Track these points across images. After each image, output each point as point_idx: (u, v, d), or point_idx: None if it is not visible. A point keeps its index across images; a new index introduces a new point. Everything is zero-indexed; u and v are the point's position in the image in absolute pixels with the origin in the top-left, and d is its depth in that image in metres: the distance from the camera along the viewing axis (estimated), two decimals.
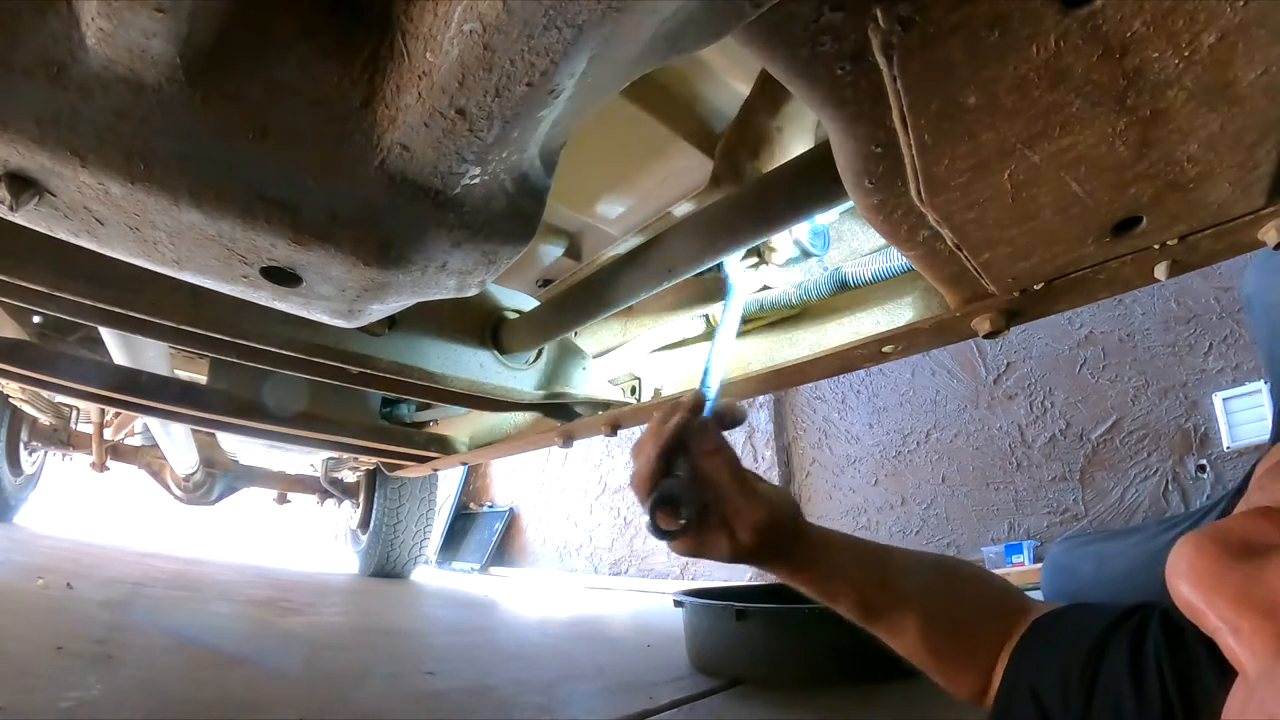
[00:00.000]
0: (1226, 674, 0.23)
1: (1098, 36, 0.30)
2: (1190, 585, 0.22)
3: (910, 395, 2.69)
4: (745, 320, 1.00)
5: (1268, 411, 1.85)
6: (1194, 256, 0.51)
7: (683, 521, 0.52)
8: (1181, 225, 0.46)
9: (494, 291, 1.01)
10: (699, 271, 0.74)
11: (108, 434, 2.45)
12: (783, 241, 0.86)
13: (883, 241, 0.75)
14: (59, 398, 2.12)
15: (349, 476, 2.80)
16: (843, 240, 0.94)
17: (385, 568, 2.71)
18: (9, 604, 1.27)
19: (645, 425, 0.57)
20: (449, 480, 4.59)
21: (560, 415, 1.20)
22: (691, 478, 0.53)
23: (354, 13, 0.34)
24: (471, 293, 0.53)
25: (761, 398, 3.03)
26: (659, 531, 0.53)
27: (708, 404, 0.56)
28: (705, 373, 0.61)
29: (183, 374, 1.63)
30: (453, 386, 0.97)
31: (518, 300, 1.02)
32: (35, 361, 1.12)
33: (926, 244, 0.49)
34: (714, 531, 0.54)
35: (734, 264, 0.81)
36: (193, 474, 2.56)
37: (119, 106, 0.33)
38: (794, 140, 0.71)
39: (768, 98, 0.69)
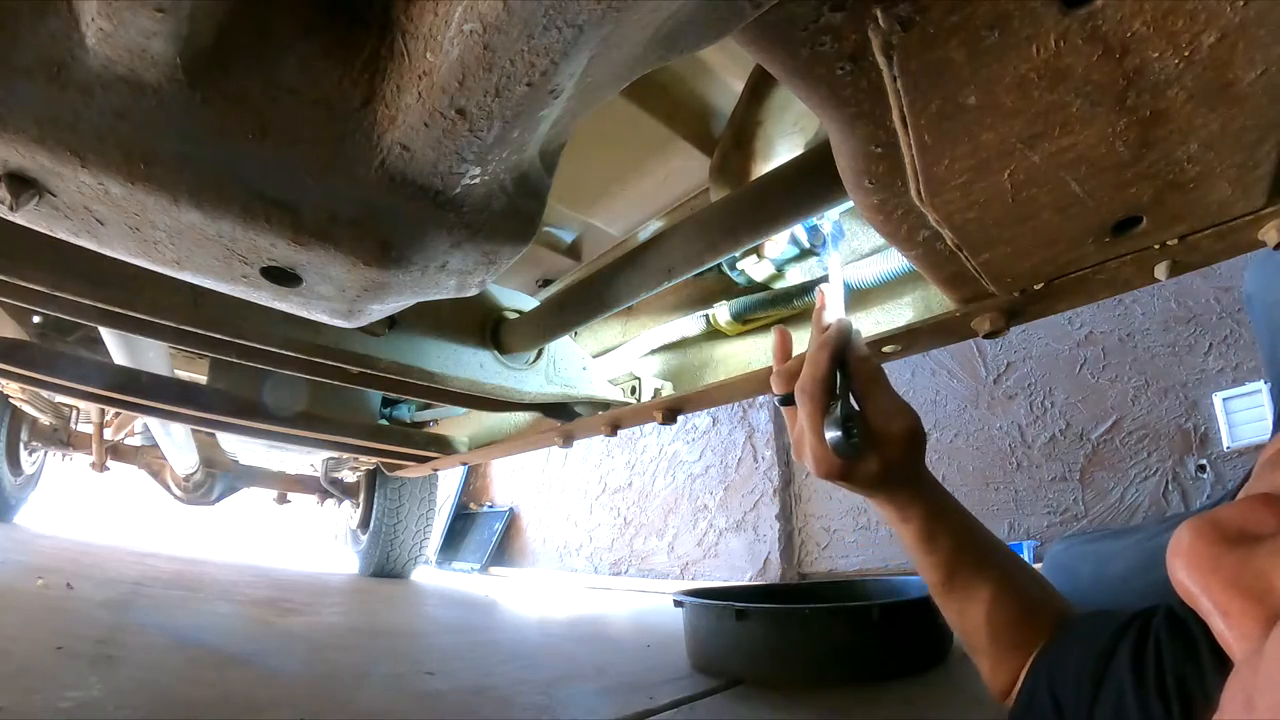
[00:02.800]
0: (1225, 662, 0.23)
1: (1098, 36, 0.30)
2: (1186, 569, 0.23)
3: (910, 395, 2.69)
4: (745, 320, 1.00)
5: (1268, 411, 1.85)
6: (1194, 256, 0.51)
7: (855, 438, 0.53)
8: (1181, 225, 0.46)
9: (494, 291, 1.01)
10: (699, 271, 0.74)
11: (108, 434, 2.45)
12: (781, 239, 0.86)
13: (883, 241, 0.75)
14: (59, 398, 2.12)
15: (349, 476, 2.80)
16: (842, 240, 0.94)
17: (385, 568, 2.71)
18: (9, 604, 1.27)
19: (645, 424, 0.57)
20: (449, 480, 4.59)
21: (560, 415, 1.20)
22: (847, 392, 0.54)
23: (354, 13, 0.34)
24: (471, 293, 0.53)
25: (761, 398, 3.03)
26: (843, 446, 0.52)
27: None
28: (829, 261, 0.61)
29: (183, 374, 1.63)
30: (453, 386, 0.97)
31: (518, 300, 1.02)
32: (35, 361, 1.12)
33: (926, 244, 0.49)
34: (864, 450, 0.54)
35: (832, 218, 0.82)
36: (193, 474, 2.56)
37: (119, 106, 0.33)
38: (778, 136, 0.71)
39: (752, 94, 0.69)
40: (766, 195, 0.61)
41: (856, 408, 0.55)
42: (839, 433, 0.52)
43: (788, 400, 0.58)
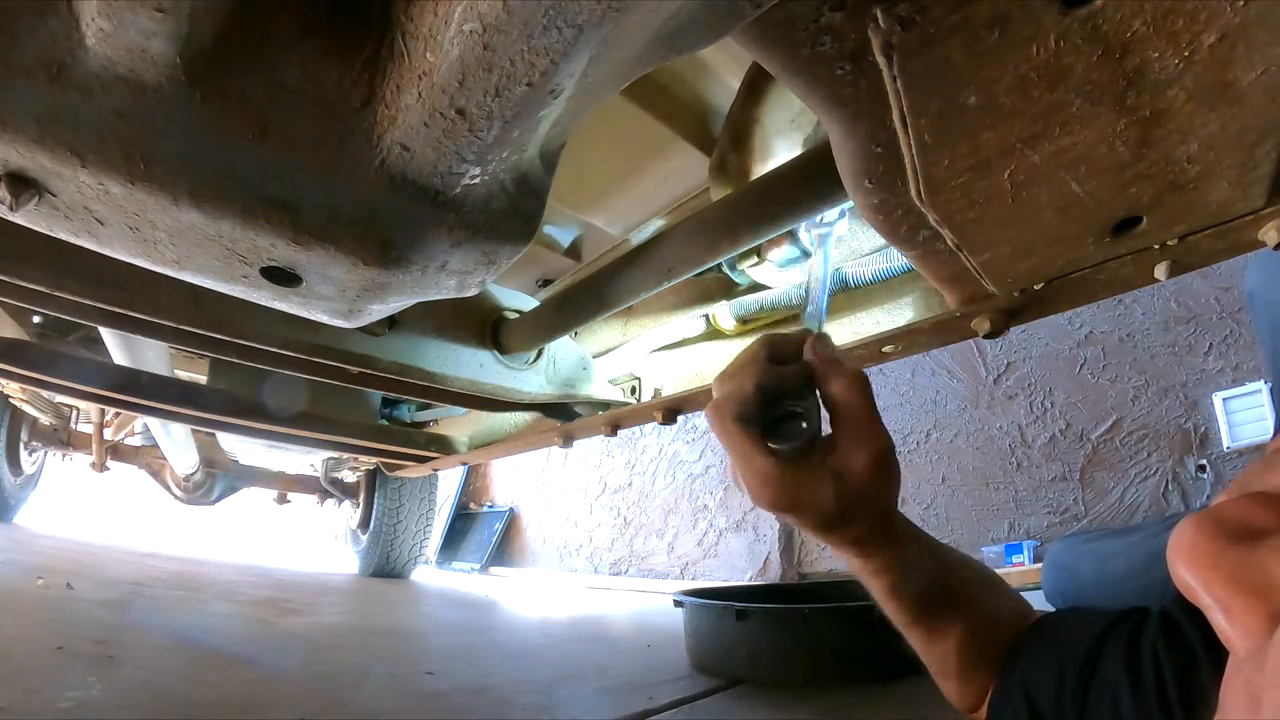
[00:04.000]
0: (1220, 661, 0.23)
1: (1098, 36, 0.30)
2: (1187, 564, 0.23)
3: (910, 395, 2.69)
4: (745, 320, 1.00)
5: (1268, 411, 1.85)
6: (1194, 256, 0.51)
7: (804, 433, 0.43)
8: (1181, 225, 0.46)
9: (494, 291, 1.01)
10: (699, 272, 0.74)
11: (108, 434, 2.45)
12: (782, 240, 0.86)
13: (882, 241, 0.75)
14: (59, 398, 2.12)
15: (349, 476, 2.80)
16: (843, 240, 0.94)
17: (385, 568, 2.71)
18: (9, 604, 1.27)
19: (645, 424, 0.54)
20: (449, 480, 4.59)
21: (560, 415, 1.20)
22: (812, 401, 0.45)
23: (354, 13, 0.34)
24: (471, 293, 0.53)
25: None
26: (782, 446, 0.43)
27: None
28: (814, 302, 0.54)
29: (183, 374, 1.63)
30: (453, 386, 0.97)
31: (518, 300, 1.02)
32: (35, 361, 1.12)
33: (926, 244, 0.49)
34: (817, 472, 0.45)
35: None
36: (193, 474, 2.56)
37: (119, 106, 0.33)
38: (776, 135, 0.71)
39: (750, 93, 0.69)
40: (766, 195, 0.61)
41: (800, 410, 0.45)
42: (771, 438, 0.43)
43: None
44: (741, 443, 0.44)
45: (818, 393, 0.46)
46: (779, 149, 0.73)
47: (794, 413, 0.45)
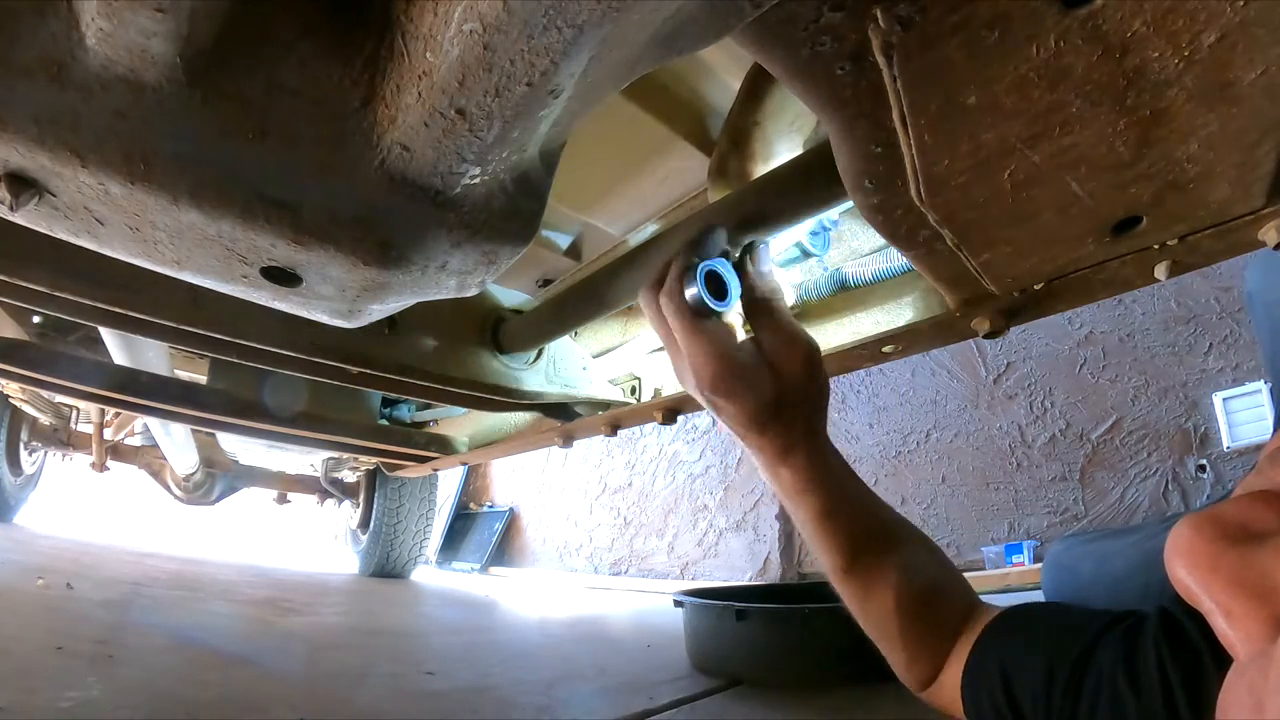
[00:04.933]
0: (1224, 664, 0.23)
1: (1098, 36, 0.30)
2: (1186, 567, 0.22)
3: (910, 395, 2.69)
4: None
5: (1268, 411, 1.85)
6: (1194, 256, 0.51)
7: (733, 299, 0.45)
8: (1181, 225, 0.46)
9: (494, 291, 1.01)
10: None
11: (108, 434, 2.45)
12: (782, 241, 0.86)
13: (883, 241, 0.75)
14: (59, 398, 2.12)
15: (349, 476, 2.80)
16: (843, 240, 0.94)
17: (385, 568, 2.71)
18: (9, 604, 1.27)
19: (645, 424, 0.55)
20: (449, 480, 4.59)
21: (560, 415, 1.20)
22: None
23: (354, 13, 0.34)
24: (471, 293, 0.53)
25: None
26: (703, 306, 0.44)
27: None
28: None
29: (183, 374, 1.63)
30: (453, 386, 0.97)
31: (518, 300, 1.03)
32: (35, 361, 1.12)
33: (926, 244, 0.49)
34: (755, 360, 0.47)
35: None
36: (193, 474, 2.56)
37: (119, 106, 0.33)
38: (776, 136, 0.71)
39: (750, 94, 0.69)
40: (766, 195, 0.61)
41: (724, 269, 0.47)
42: (697, 289, 0.44)
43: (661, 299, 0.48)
44: (687, 318, 0.45)
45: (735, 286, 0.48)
46: (779, 150, 0.73)
47: (723, 269, 0.46)
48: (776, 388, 0.47)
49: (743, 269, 0.50)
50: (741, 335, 0.50)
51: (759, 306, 0.49)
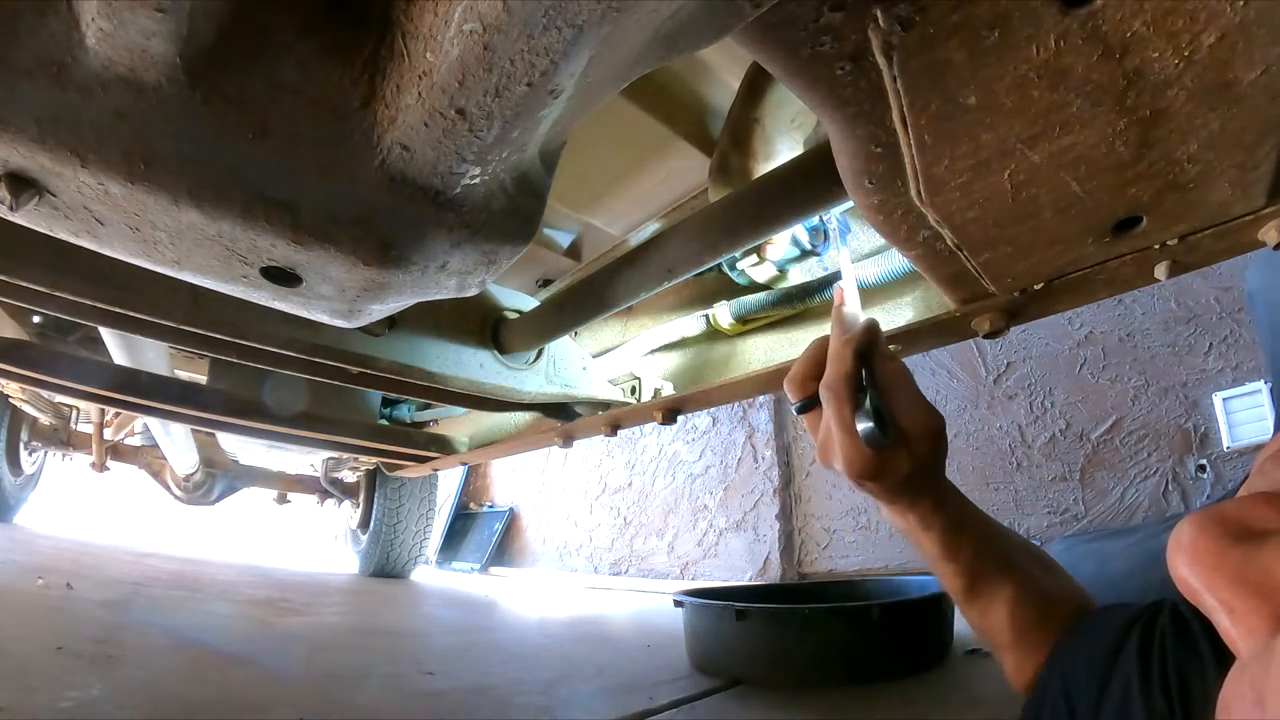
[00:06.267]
0: (1225, 659, 0.23)
1: (1098, 36, 0.30)
2: (1188, 565, 0.22)
3: None
4: (745, 321, 1.00)
5: (1268, 411, 1.85)
6: (1194, 256, 0.51)
7: (889, 429, 0.51)
8: (1181, 225, 0.46)
9: (494, 291, 1.01)
10: (699, 272, 0.74)
11: (108, 434, 2.45)
12: (781, 240, 0.86)
13: (883, 241, 0.75)
14: (59, 398, 2.12)
15: (349, 476, 2.80)
16: (850, 235, 0.94)
17: (385, 568, 2.71)
18: (9, 604, 1.27)
19: (645, 424, 0.57)
20: (449, 480, 4.59)
21: (560, 415, 1.20)
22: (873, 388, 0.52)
23: (354, 13, 0.34)
24: (471, 293, 0.53)
25: (762, 398, 3.03)
26: (876, 437, 0.50)
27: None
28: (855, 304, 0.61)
29: (183, 374, 1.63)
30: (453, 386, 0.97)
31: (518, 300, 1.03)
32: (35, 361, 1.12)
33: (926, 244, 0.49)
34: (892, 452, 0.53)
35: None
36: (193, 474, 2.56)
37: (119, 106, 0.33)
38: (776, 135, 0.71)
39: (750, 93, 0.69)
40: (766, 195, 0.61)
41: (882, 405, 0.52)
42: (871, 424, 0.50)
43: (808, 406, 0.56)
44: (846, 420, 0.51)
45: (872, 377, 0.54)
46: (780, 148, 0.73)
47: (883, 406, 0.52)
48: (909, 466, 0.53)
49: (874, 353, 0.54)
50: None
51: (891, 387, 0.53)
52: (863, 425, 0.50)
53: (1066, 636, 0.54)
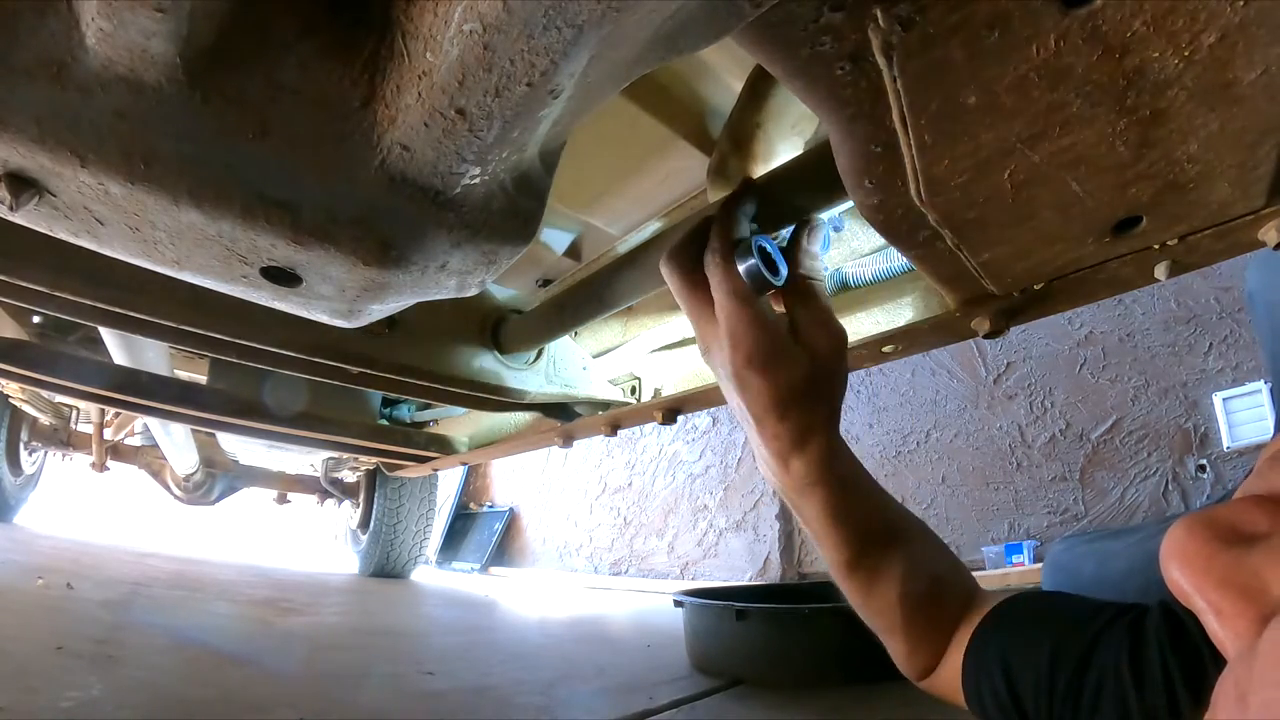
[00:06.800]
0: (1222, 663, 0.23)
1: (1098, 36, 0.30)
2: (1179, 568, 0.23)
3: (910, 395, 2.69)
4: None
5: (1268, 411, 1.85)
6: (1194, 256, 0.51)
7: (783, 276, 0.44)
8: (1181, 225, 0.46)
9: (494, 291, 1.01)
10: None
11: (108, 434, 2.45)
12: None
13: (882, 241, 0.75)
14: (59, 398, 2.12)
15: (349, 476, 2.80)
16: (843, 240, 0.94)
17: (385, 568, 2.72)
18: (9, 604, 1.27)
19: (645, 424, 0.54)
20: (449, 480, 4.59)
21: (560, 415, 1.20)
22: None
23: (354, 13, 0.34)
24: (472, 293, 0.53)
25: None
26: (759, 274, 0.43)
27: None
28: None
29: (183, 374, 1.63)
30: (453, 387, 0.97)
31: (518, 300, 1.03)
32: (35, 361, 1.12)
33: (926, 244, 0.49)
34: (791, 339, 0.46)
35: None
36: (193, 474, 2.56)
37: (119, 106, 0.33)
38: (777, 137, 0.71)
39: (750, 94, 0.69)
40: (766, 195, 0.61)
41: (774, 248, 0.45)
42: (754, 260, 0.43)
43: (684, 265, 0.47)
44: (732, 278, 0.44)
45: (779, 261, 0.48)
46: (780, 151, 0.73)
47: (773, 248, 0.46)
48: (808, 368, 0.45)
49: (795, 243, 0.49)
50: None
51: (800, 285, 0.48)
52: (745, 263, 0.44)
53: (999, 622, 0.51)
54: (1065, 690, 0.45)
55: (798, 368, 0.45)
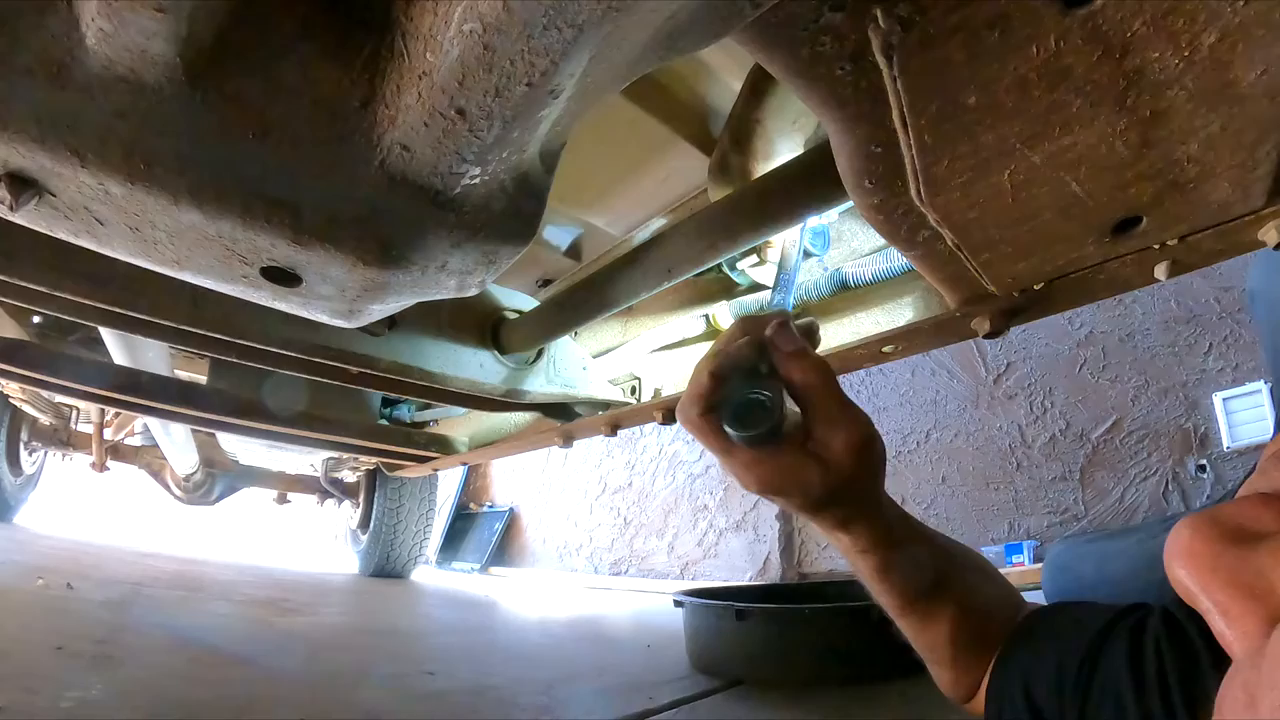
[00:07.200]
0: (1222, 666, 0.23)
1: (1098, 36, 0.30)
2: (1184, 567, 0.23)
3: (910, 395, 2.69)
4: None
5: (1268, 411, 1.85)
6: (1194, 256, 0.51)
7: (765, 419, 0.43)
8: (1181, 225, 0.46)
9: (494, 291, 1.01)
10: (699, 272, 0.74)
11: (108, 434, 2.45)
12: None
13: (883, 241, 0.75)
14: (59, 398, 2.12)
15: (349, 476, 2.80)
16: (843, 240, 0.94)
17: (385, 568, 2.71)
18: (9, 604, 1.27)
19: (645, 424, 0.54)
20: (449, 480, 4.59)
21: (560, 415, 1.20)
22: (776, 385, 0.44)
23: (354, 13, 0.34)
24: (471, 293, 0.53)
25: None
26: (742, 434, 0.43)
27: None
28: (783, 287, 0.55)
29: (183, 374, 1.63)
30: (453, 386, 0.97)
31: (518, 300, 1.03)
32: (35, 361, 1.12)
33: (926, 244, 0.49)
34: (801, 456, 0.45)
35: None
36: (193, 474, 2.56)
37: (119, 106, 0.33)
38: (778, 136, 0.71)
39: (752, 94, 0.69)
40: (766, 195, 0.62)
41: (762, 397, 0.44)
42: (731, 427, 0.43)
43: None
44: (711, 435, 0.45)
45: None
46: (781, 149, 0.73)
47: (758, 399, 0.44)
48: (823, 478, 0.45)
49: (777, 351, 0.46)
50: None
51: (802, 395, 0.46)
52: (727, 428, 0.44)
53: (1017, 640, 0.52)
54: (1074, 695, 0.45)
55: (813, 485, 0.45)
